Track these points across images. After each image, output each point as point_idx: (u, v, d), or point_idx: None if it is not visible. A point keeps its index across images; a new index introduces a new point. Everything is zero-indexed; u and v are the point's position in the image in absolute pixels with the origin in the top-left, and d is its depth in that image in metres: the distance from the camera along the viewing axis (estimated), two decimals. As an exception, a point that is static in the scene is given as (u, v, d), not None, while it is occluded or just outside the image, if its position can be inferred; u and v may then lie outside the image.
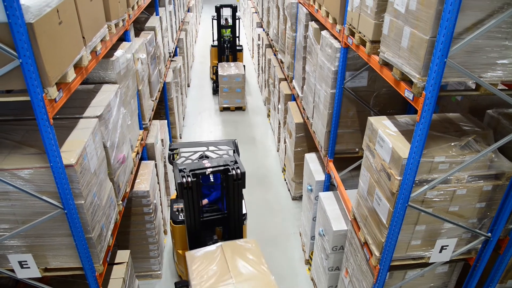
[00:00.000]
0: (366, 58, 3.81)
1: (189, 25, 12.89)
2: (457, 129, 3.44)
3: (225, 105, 11.26)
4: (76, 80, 3.22)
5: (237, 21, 11.84)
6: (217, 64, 11.74)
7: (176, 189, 5.66)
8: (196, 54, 15.98)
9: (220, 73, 10.78)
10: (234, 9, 11.54)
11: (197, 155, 5.55)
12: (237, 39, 12.15)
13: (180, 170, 4.41)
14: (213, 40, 12.98)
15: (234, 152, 5.29)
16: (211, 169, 4.47)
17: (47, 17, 2.69)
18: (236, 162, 4.58)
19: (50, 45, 2.72)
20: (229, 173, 4.44)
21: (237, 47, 12.16)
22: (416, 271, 3.81)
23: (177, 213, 5.29)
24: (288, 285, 5.96)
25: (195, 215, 4.55)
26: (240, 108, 11.45)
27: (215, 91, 12.24)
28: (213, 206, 5.29)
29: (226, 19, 12.03)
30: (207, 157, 5.45)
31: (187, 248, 4.80)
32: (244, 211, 5.01)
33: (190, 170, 4.41)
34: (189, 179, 4.29)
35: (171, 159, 5.36)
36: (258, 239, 6.63)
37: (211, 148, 5.48)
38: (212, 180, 5.45)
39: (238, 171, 4.44)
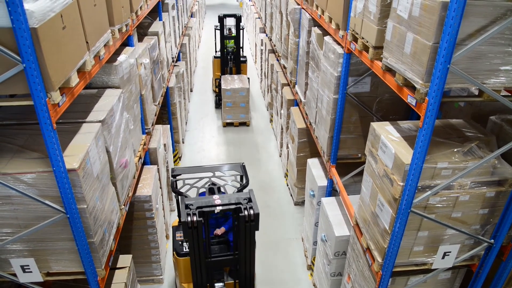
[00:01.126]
0: (369, 64, 3.81)
1: (192, 30, 12.93)
2: (460, 135, 3.43)
3: (228, 120, 10.67)
4: (79, 84, 3.23)
5: (241, 31, 11.32)
6: (220, 76, 11.22)
7: (178, 215, 5.34)
8: (199, 59, 16.03)
9: (223, 86, 10.26)
10: (238, 19, 11.01)
11: (202, 177, 5.16)
12: (241, 50, 11.64)
13: (186, 206, 4.00)
14: (216, 51, 12.45)
15: (242, 178, 5.00)
16: (220, 207, 4.01)
17: (51, 22, 2.71)
18: (250, 200, 4.09)
19: (53, 49, 2.73)
20: (240, 214, 3.99)
21: (241, 59, 11.68)
22: (419, 277, 3.78)
23: (180, 244, 4.83)
24: (290, 290, 5.97)
25: (200, 256, 4.15)
26: (244, 124, 10.92)
27: (218, 104, 11.66)
28: (221, 239, 4.75)
29: (229, 29, 11.61)
30: (211, 191, 4.93)
31: (191, 282, 4.44)
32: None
33: (197, 208, 3.97)
34: (195, 219, 3.87)
35: (175, 187, 4.91)
36: (260, 244, 6.64)
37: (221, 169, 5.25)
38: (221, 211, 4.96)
39: (251, 211, 3.98)
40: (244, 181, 4.98)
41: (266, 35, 11.88)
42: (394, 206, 3.25)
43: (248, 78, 10.92)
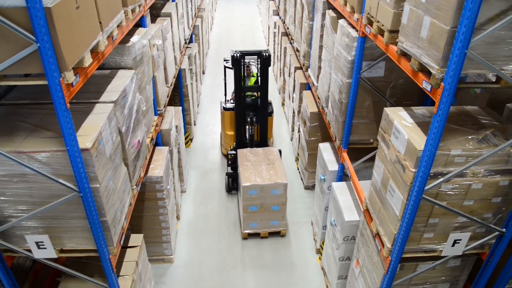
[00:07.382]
0: (384, 48, 3.75)
1: (205, 12, 12.83)
2: (475, 122, 3.38)
3: (251, 231, 6.53)
4: (93, 65, 3.24)
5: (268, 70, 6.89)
6: (234, 146, 7.50)
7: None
8: (212, 41, 15.94)
9: (243, 182, 6.11)
10: (266, 60, 6.64)
11: None
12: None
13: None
14: (226, 100, 8.18)
15: None
16: None
17: (65, 1, 2.70)
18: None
19: (67, 29, 2.73)
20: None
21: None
22: (428, 264, 3.79)
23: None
24: (298, 273, 6.00)
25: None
26: (277, 233, 6.66)
27: (230, 188, 7.68)
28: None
29: (248, 67, 7.57)
30: None
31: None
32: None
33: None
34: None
35: None
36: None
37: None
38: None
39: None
40: None
41: (280, 18, 11.73)
42: (406, 192, 3.23)
43: (280, 151, 7.13)
